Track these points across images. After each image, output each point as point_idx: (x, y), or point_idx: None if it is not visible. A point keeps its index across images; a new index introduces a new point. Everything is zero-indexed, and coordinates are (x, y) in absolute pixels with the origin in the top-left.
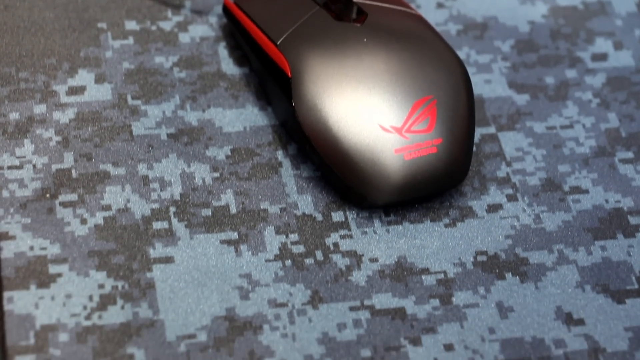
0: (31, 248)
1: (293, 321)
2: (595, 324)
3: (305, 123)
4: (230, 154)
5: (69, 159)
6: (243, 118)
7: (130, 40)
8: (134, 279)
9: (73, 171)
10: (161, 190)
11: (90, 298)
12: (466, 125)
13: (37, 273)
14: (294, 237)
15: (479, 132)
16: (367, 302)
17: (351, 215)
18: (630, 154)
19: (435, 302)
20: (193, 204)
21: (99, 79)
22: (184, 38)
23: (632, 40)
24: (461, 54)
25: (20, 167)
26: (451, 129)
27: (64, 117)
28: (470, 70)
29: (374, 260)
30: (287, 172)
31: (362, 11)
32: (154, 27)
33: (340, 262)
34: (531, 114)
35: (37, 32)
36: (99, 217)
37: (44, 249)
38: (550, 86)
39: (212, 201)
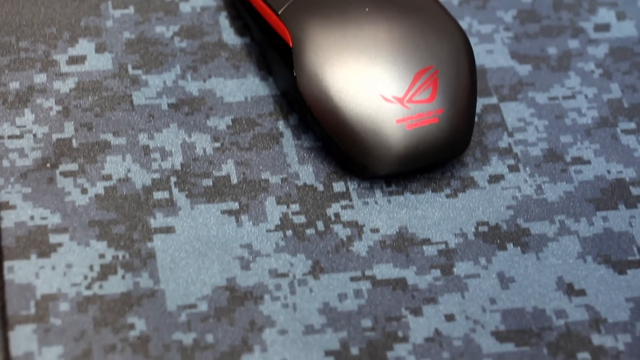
0: (32, 218)
1: (294, 291)
2: (597, 294)
3: (307, 93)
4: (231, 124)
5: (69, 129)
6: (244, 88)
7: (131, 10)
8: (135, 248)
9: (73, 141)
10: (162, 160)
11: (91, 268)
12: (468, 95)
13: (37, 243)
14: (295, 207)
15: (480, 102)
16: (368, 273)
17: (352, 186)
18: (632, 125)
19: (437, 272)
20: (194, 174)
21: (100, 49)
22: (184, 7)
23: (635, 11)
24: (463, 24)
25: (20, 136)
26: (453, 99)
27: (65, 86)
28: (473, 41)
29: (375, 230)
30: (288, 142)
31: None
32: None
33: (341, 232)
34: (533, 84)
35: (37, 1)
36: (100, 187)
37: (44, 218)
38: (553, 57)
39: (213, 171)
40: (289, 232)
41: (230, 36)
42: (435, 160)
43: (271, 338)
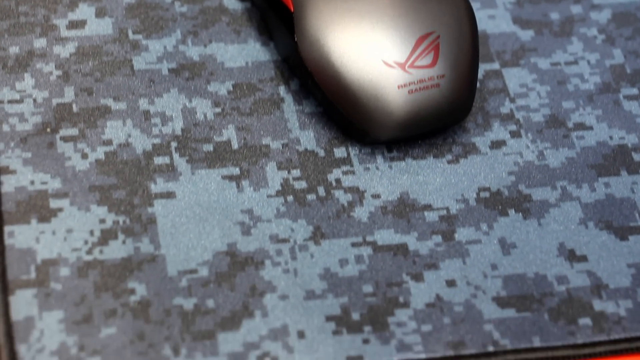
0: (32, 182)
1: (295, 257)
2: (598, 260)
3: (308, 58)
4: (232, 89)
5: (69, 94)
6: (245, 53)
7: None
8: (135, 214)
9: (74, 105)
10: (162, 125)
11: (92, 233)
12: (470, 60)
13: (37, 207)
14: (295, 172)
15: (482, 68)
16: (369, 238)
17: (353, 151)
18: (635, 91)
19: (438, 238)
20: (194, 139)
21: (100, 13)
22: None
23: None
24: None
25: (20, 101)
26: (455, 64)
27: (65, 51)
28: (475, 6)
29: (376, 196)
30: (289, 107)
31: None
32: None
33: (343, 198)
34: (536, 49)
35: None
36: (100, 152)
37: (44, 183)
38: (555, 22)
39: (214, 136)
40: (290, 198)
41: (231, 1)
42: (436, 125)
43: (272, 303)
